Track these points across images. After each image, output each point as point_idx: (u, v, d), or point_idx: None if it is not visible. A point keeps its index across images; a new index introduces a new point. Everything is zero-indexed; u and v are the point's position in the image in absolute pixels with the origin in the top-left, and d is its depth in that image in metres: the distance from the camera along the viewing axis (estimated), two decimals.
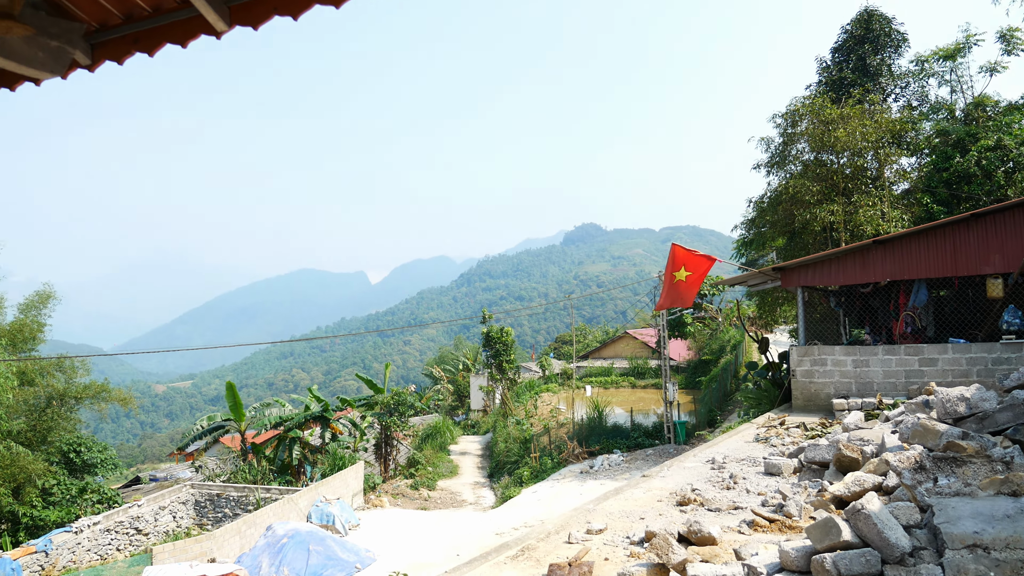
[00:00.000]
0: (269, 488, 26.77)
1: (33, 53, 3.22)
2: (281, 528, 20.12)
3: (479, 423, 50.61)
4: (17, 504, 28.52)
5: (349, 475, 27.55)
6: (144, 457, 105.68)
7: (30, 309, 35.28)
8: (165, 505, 26.80)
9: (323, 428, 33.08)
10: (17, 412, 31.74)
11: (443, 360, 76.57)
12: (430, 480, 31.49)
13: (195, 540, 19.03)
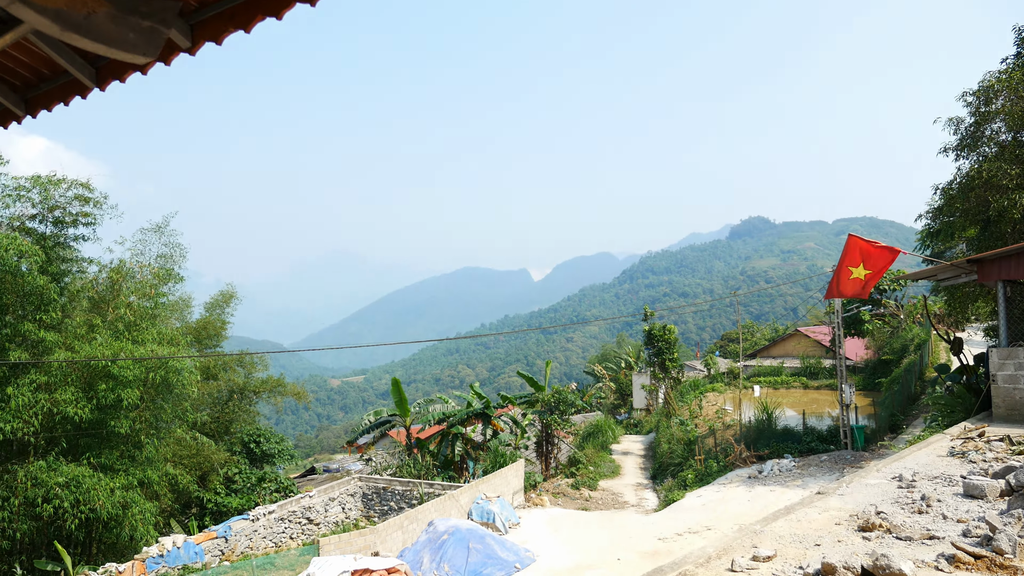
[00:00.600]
0: (432, 483, 27.11)
1: (124, 35, 2.95)
2: (442, 524, 20.19)
3: (641, 422, 49.64)
4: (203, 491, 30.30)
5: (510, 473, 27.48)
6: (320, 448, 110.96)
7: (214, 308, 37.47)
8: (335, 496, 27.68)
9: (485, 425, 33.25)
10: (202, 405, 33.78)
11: (605, 358, 75.96)
12: (591, 480, 30.99)
13: (359, 533, 19.40)
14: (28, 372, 23.62)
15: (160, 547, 20.85)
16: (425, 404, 37.32)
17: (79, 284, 28.49)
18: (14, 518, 22.16)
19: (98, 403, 23.78)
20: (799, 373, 52.91)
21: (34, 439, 23.36)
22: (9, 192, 25.80)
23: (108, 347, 24.32)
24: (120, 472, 24.38)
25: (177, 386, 26.29)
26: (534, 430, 35.54)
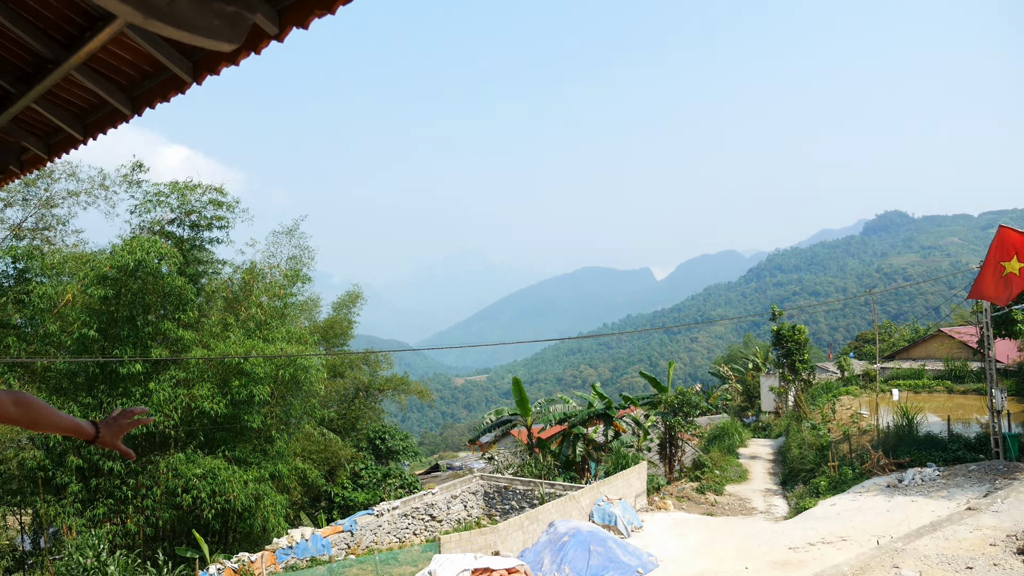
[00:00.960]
0: (553, 483, 26.92)
1: (207, 21, 2.84)
2: (563, 526, 19.95)
3: (770, 426, 48.01)
4: (331, 485, 31.14)
5: (632, 475, 26.97)
6: (444, 445, 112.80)
7: (342, 308, 38.52)
8: (457, 494, 27.89)
9: (606, 425, 32.82)
10: (330, 402, 34.77)
11: (731, 359, 74.06)
12: (717, 484, 30.09)
13: (480, 532, 19.39)
14: (168, 369, 24.83)
15: (289, 539, 21.50)
16: (546, 404, 37.19)
17: (214, 285, 29.79)
18: (157, 506, 23.34)
19: (232, 399, 24.77)
20: (942, 376, 49.86)
21: (174, 432, 24.51)
22: (150, 198, 27.19)
23: (240, 345, 25.30)
24: (253, 465, 25.31)
25: (305, 383, 27.11)
26: (657, 432, 34.84)
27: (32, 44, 3.93)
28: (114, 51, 3.90)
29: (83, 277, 24.62)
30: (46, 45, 3.91)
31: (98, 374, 24.70)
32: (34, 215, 26.23)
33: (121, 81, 4.25)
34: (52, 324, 24.16)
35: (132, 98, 4.29)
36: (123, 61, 4.01)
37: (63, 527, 22.12)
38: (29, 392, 14.18)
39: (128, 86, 4.28)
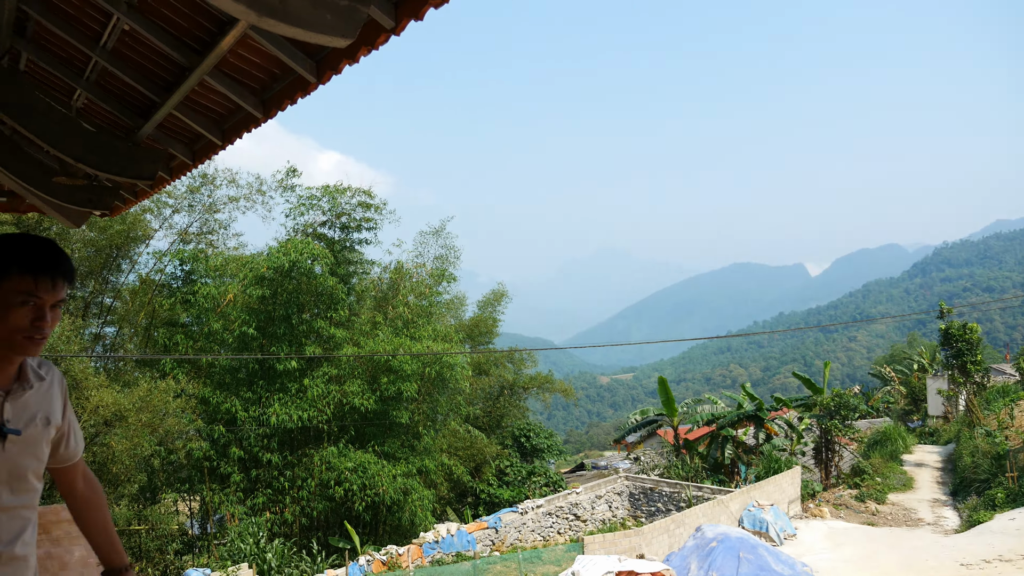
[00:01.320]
0: (701, 486, 26.19)
1: (320, 16, 2.77)
2: (711, 531, 19.29)
3: (938, 431, 44.99)
4: (476, 482, 31.51)
5: (784, 480, 25.84)
6: (590, 444, 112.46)
7: (487, 306, 38.91)
8: (601, 494, 27.59)
9: (757, 428, 31.62)
10: (475, 399, 35.19)
11: (894, 359, 70.12)
12: (878, 492, 28.37)
13: (624, 534, 19.06)
14: (321, 365, 25.78)
15: (436, 533, 21.86)
16: (693, 404, 36.31)
17: (364, 284, 30.75)
18: (311, 498, 24.29)
19: (381, 395, 25.46)
20: None
21: (327, 427, 25.42)
22: (303, 201, 28.36)
23: (388, 343, 25.94)
24: (401, 460, 25.93)
25: (451, 380, 27.55)
26: (812, 435, 33.28)
27: (169, 52, 4.05)
28: (241, 54, 3.96)
29: (243, 278, 25.94)
30: (181, 52, 4.01)
31: (257, 370, 25.98)
32: (199, 220, 27.84)
33: (251, 84, 4.32)
34: (215, 323, 25.56)
35: (263, 101, 4.37)
36: (250, 64, 4.07)
37: (227, 514, 23.37)
38: (196, 388, 14.85)
39: (258, 89, 4.35)
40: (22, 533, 2.09)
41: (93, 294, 25.95)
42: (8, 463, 2.04)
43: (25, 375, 2.11)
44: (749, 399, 33.10)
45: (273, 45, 3.53)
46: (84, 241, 24.73)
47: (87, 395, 18.94)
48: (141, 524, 20.68)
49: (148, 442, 19.84)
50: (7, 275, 1.95)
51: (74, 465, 2.40)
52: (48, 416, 2.17)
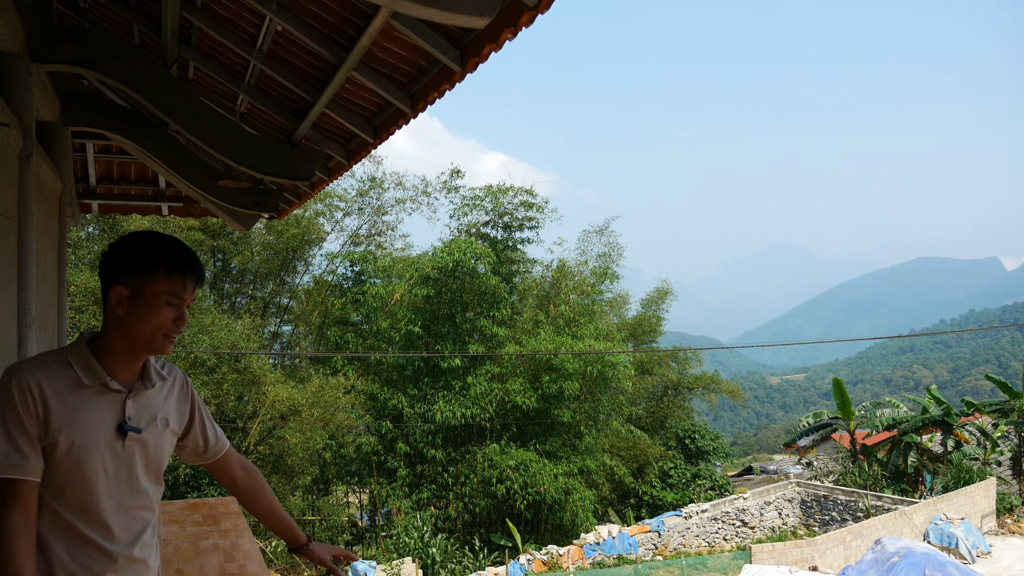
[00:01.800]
0: (880, 496, 24.61)
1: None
2: (892, 544, 18.00)
3: None
4: (639, 483, 31.04)
5: (977, 492, 23.85)
6: (759, 447, 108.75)
7: (650, 304, 38.26)
8: (770, 500, 26.47)
9: (944, 434, 29.38)
10: (637, 399, 34.66)
11: None
12: None
13: (795, 543, 18.13)
14: (484, 364, 26.14)
15: (597, 535, 21.62)
16: (872, 407, 34.27)
17: (526, 283, 30.95)
18: (474, 494, 24.66)
19: (542, 393, 25.51)
20: None
21: (489, 424, 25.73)
22: (467, 202, 28.89)
23: (550, 342, 25.94)
24: (562, 459, 25.87)
25: (613, 380, 27.25)
26: (1009, 444, 30.61)
27: (318, 49, 4.07)
28: (386, 46, 3.92)
29: (409, 278, 26.71)
30: (329, 48, 4.02)
31: (423, 368, 26.67)
32: (368, 222, 28.96)
33: (398, 78, 4.29)
34: (383, 321, 26.45)
35: (410, 95, 4.33)
36: (395, 56, 4.03)
37: (393, 508, 24.13)
38: (365, 385, 15.47)
39: (405, 83, 4.32)
40: (141, 534, 2.08)
41: (271, 295, 27.53)
42: (128, 461, 2.03)
43: (148, 374, 2.12)
44: (935, 403, 30.87)
45: (415, 33, 3.46)
46: (263, 244, 26.26)
47: (264, 391, 20.04)
48: (314, 515, 21.67)
49: (320, 436, 20.77)
50: (155, 275, 1.96)
51: (225, 456, 2.41)
52: (167, 418, 2.16)
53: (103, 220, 21.78)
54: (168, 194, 8.42)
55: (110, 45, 4.40)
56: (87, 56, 4.26)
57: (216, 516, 5.72)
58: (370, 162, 28.14)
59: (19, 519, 1.85)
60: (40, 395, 1.90)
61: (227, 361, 20.15)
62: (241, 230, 7.52)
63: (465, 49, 3.58)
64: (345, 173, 6.10)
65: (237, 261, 26.09)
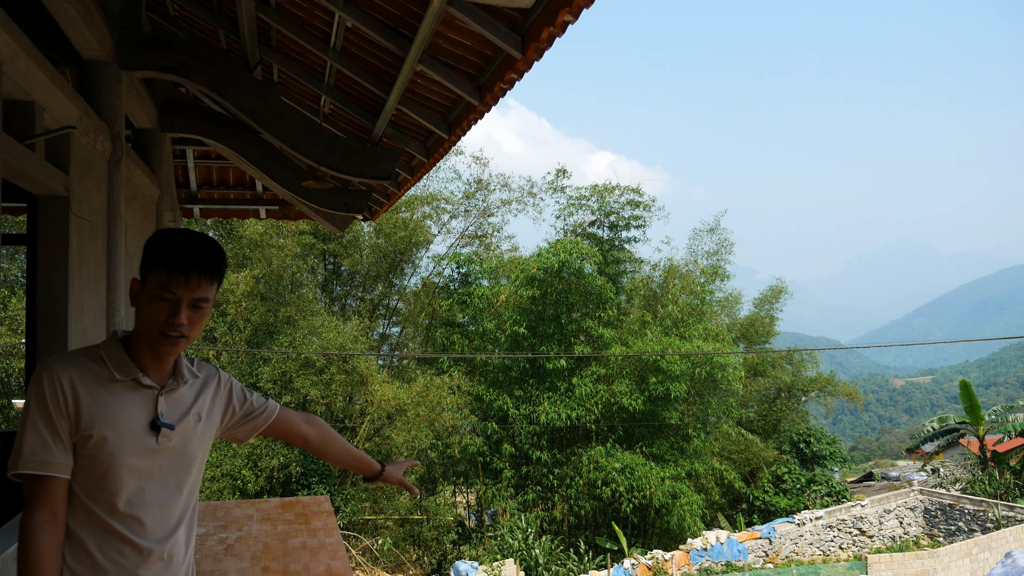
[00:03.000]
0: (1012, 506, 23.15)
1: None
2: (1022, 558, 16.94)
3: None
4: (750, 488, 30.23)
5: None
6: (881, 452, 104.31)
7: (764, 304, 37.20)
8: (891, 508, 25.30)
9: None
10: (749, 401, 33.77)
11: None
12: None
13: (915, 555, 17.26)
14: (590, 365, 25.98)
15: (704, 540, 21.14)
16: (1004, 411, 32.41)
17: (633, 283, 30.61)
18: (579, 496, 24.54)
19: (649, 395, 25.14)
20: None
21: (594, 426, 25.55)
22: (573, 202, 28.81)
23: (657, 342, 25.55)
24: (670, 463, 25.42)
25: (723, 382, 26.62)
26: None
27: (384, 43, 4.07)
28: (449, 36, 3.90)
29: (514, 279, 26.80)
30: (394, 40, 4.01)
31: (528, 369, 26.72)
32: (474, 224, 29.23)
33: (465, 70, 4.25)
34: (489, 322, 26.63)
35: (478, 87, 4.27)
36: (458, 46, 3.99)
37: (499, 509, 24.26)
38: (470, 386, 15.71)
39: (473, 75, 4.27)
40: (175, 531, 2.09)
41: (380, 297, 28.14)
42: (160, 457, 2.04)
43: (180, 371, 2.12)
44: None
45: (473, 20, 3.39)
46: (372, 247, 26.84)
47: (372, 390, 20.49)
48: (420, 514, 22.02)
49: (425, 435, 21.07)
50: (151, 269, 1.98)
51: (282, 414, 2.43)
52: (200, 413, 2.16)
53: (220, 225, 22.73)
54: (265, 198, 8.68)
55: (196, 50, 4.52)
56: (174, 62, 4.40)
57: (307, 515, 5.86)
58: (476, 164, 28.43)
59: (45, 516, 1.87)
60: (72, 390, 1.92)
61: (336, 362, 20.71)
62: (335, 231, 7.66)
63: (526, 35, 3.51)
64: (429, 171, 6.11)
65: (347, 264, 26.78)
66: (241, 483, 18.82)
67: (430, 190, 27.91)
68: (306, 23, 4.54)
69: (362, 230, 26.61)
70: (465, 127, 4.72)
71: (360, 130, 5.87)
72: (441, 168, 28.43)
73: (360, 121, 5.56)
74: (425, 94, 4.78)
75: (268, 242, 22.20)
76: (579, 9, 2.97)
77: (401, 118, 5.34)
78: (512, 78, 3.84)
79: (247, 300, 21.28)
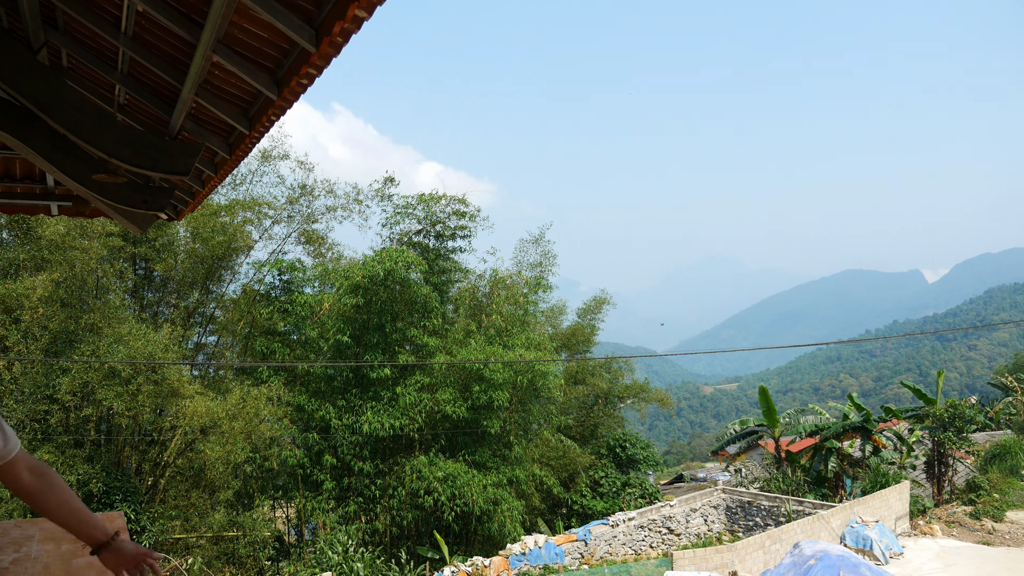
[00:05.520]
0: (802, 500, 25.11)
1: None
2: (809, 548, 18.38)
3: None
4: (569, 493, 31.16)
5: (892, 495, 24.52)
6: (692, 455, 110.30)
7: (586, 314, 38.47)
8: (696, 508, 26.80)
9: (864, 440, 30.20)
10: (569, 408, 34.81)
11: (1018, 368, 66.27)
12: (996, 509, 26.64)
13: (716, 550, 18.36)
14: (414, 374, 25.95)
15: (523, 545, 21.57)
16: (796, 414, 35.03)
17: (458, 293, 30.86)
18: (402, 507, 24.41)
19: (472, 403, 25.39)
20: None
21: (418, 435, 25.52)
22: (399, 210, 28.69)
23: (481, 351, 25.89)
24: (492, 470, 25.79)
25: (544, 390, 27.29)
26: (923, 448, 31.60)
27: (175, 29, 3.88)
28: (244, 26, 3.76)
29: (339, 287, 26.36)
30: (184, 27, 3.85)
31: (351, 378, 26.34)
32: (297, 230, 28.47)
33: (263, 63, 4.11)
34: (312, 331, 26.05)
35: (276, 81, 4.15)
36: (254, 37, 3.85)
37: (319, 522, 23.74)
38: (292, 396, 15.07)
39: (272, 68, 4.15)
40: None
41: (196, 304, 26.87)
42: None
43: None
44: (856, 409, 31.72)
45: (264, 10, 3.29)
46: (188, 252, 25.60)
47: (183, 403, 19.53)
48: (235, 530, 21.14)
49: (242, 449, 20.27)
50: None
51: (12, 461, 2.31)
52: None
53: (16, 224, 20.99)
54: (57, 193, 8.06)
55: None
56: None
57: (59, 537, 5.48)
58: (301, 169, 27.72)
59: None
60: None
61: (144, 372, 19.56)
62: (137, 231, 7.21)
63: (319, 28, 3.45)
64: (233, 169, 5.87)
65: (160, 269, 25.38)
66: None
67: (253, 194, 27.01)
68: (94, 4, 4.25)
69: (177, 233, 25.34)
70: (266, 122, 4.60)
71: (158, 123, 5.56)
72: (265, 173, 27.58)
73: (157, 113, 5.27)
74: (224, 87, 4.61)
75: (71, 244, 20.65)
76: (371, 5, 2.98)
77: (201, 111, 5.12)
78: (309, 72, 3.78)
79: (45, 306, 19.70)
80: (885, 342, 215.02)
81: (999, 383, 62.52)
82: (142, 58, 4.45)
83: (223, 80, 4.48)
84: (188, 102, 4.53)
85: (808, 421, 32.66)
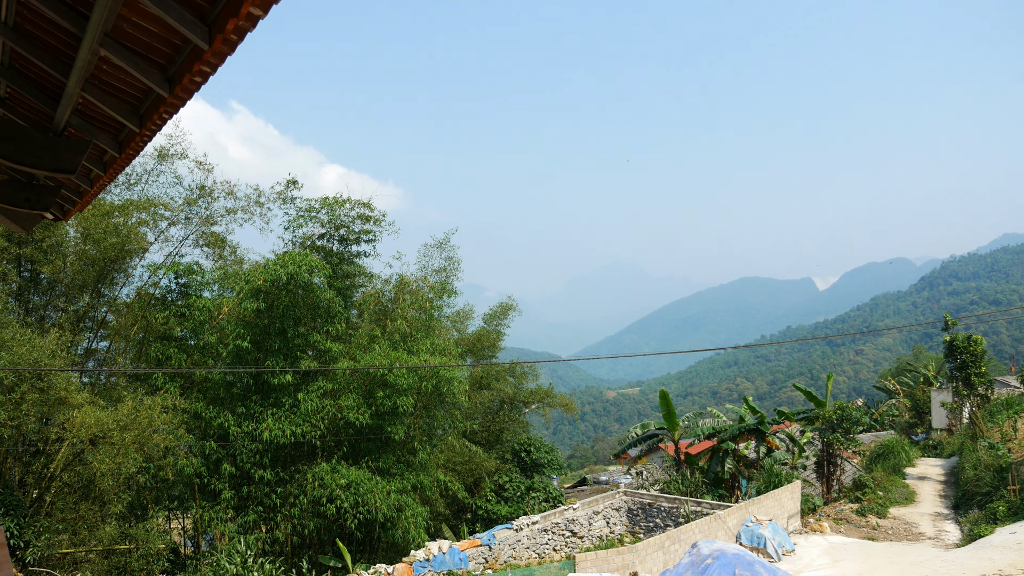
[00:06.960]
0: (700, 501, 25.77)
1: None
2: (706, 547, 18.89)
3: (941, 444, 44.60)
4: (474, 498, 31.16)
5: (784, 494, 25.43)
6: (595, 459, 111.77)
7: (493, 319, 38.56)
8: (599, 510, 27.18)
9: (758, 441, 31.21)
10: (474, 414, 34.82)
11: (899, 371, 69.75)
12: (880, 506, 27.96)
13: (617, 552, 18.66)
14: (316, 380, 25.48)
15: (427, 551, 21.45)
16: (695, 417, 35.93)
17: (363, 298, 30.49)
18: (303, 515, 23.93)
19: (377, 410, 25.11)
20: None
21: (320, 442, 25.10)
22: (302, 214, 28.16)
23: (385, 357, 25.63)
24: (396, 476, 25.56)
25: (448, 395, 27.17)
26: (814, 449, 32.89)
27: (59, 20, 3.69)
28: (134, 21, 3.64)
29: (239, 291, 25.65)
30: (69, 19, 3.68)
31: (251, 385, 25.71)
32: (195, 232, 27.62)
33: (155, 59, 3.99)
34: (210, 336, 25.29)
35: (168, 78, 4.04)
36: (145, 32, 3.73)
37: (217, 532, 23.04)
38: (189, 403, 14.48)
39: (164, 65, 4.02)
40: None
41: (87, 308, 25.76)
42: None
43: None
44: (751, 412, 32.73)
45: (155, 4, 3.19)
46: (78, 254, 24.52)
47: (71, 413, 18.67)
48: (128, 543, 20.30)
49: (134, 460, 19.50)
50: None
51: None
52: None
53: None
54: None
55: None
56: None
57: None
58: (200, 169, 26.92)
59: None
60: None
61: (29, 380, 18.61)
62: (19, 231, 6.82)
63: (213, 25, 3.37)
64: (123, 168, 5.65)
65: (47, 271, 24.21)
66: None
67: (148, 195, 26.08)
68: None
69: (67, 234, 24.24)
70: (157, 120, 4.46)
71: (42, 118, 5.32)
72: (162, 172, 26.66)
73: (41, 108, 5.02)
74: (112, 82, 4.43)
75: None
76: (266, 3, 2.93)
77: (88, 107, 4.91)
78: (202, 70, 3.68)
79: None
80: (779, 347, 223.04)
81: (883, 386, 65.66)
82: (24, 49, 4.25)
83: (111, 75, 4.32)
84: (74, 97, 4.35)
85: (706, 424, 33.54)
